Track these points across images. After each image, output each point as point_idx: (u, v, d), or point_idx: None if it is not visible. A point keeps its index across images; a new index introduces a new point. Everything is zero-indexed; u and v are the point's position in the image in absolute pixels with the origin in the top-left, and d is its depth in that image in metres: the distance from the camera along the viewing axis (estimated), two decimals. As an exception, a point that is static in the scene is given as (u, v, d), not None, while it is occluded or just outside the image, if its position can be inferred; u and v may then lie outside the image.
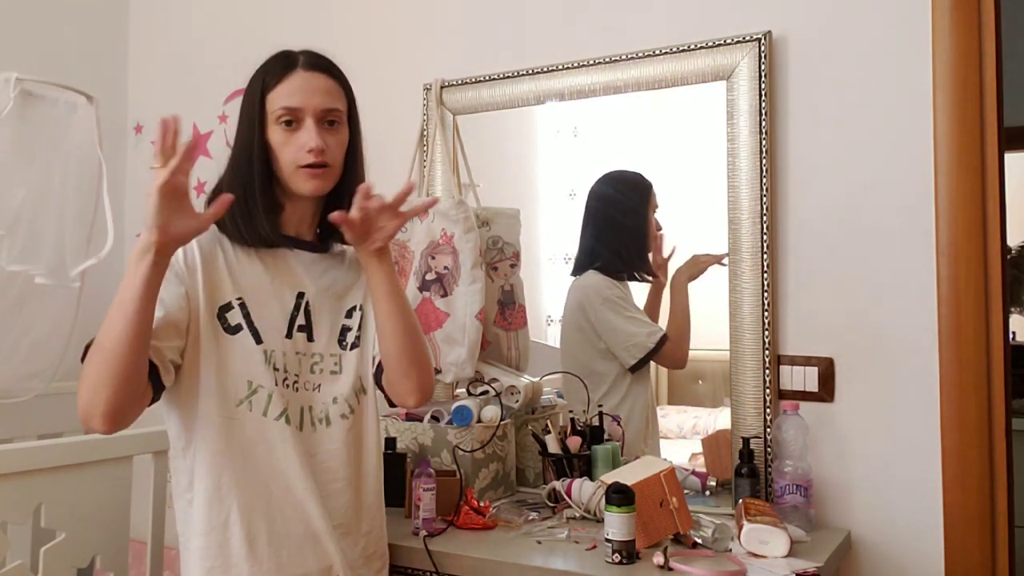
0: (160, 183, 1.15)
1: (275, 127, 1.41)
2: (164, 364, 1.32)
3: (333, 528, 1.41)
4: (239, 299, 1.40)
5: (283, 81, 1.41)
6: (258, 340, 1.40)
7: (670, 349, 2.09)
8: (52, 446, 1.79)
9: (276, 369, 1.40)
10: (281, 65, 1.43)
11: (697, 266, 2.07)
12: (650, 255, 2.14)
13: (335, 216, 1.34)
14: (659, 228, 2.12)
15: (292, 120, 1.40)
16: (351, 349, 1.49)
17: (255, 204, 1.41)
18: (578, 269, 2.19)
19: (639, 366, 2.10)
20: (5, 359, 2.24)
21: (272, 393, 1.39)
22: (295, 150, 1.40)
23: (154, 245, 1.19)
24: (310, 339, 1.46)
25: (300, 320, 1.45)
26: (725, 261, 1.94)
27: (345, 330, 1.49)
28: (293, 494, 1.39)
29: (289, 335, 1.43)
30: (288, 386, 1.41)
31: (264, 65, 1.45)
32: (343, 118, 1.45)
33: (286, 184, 1.43)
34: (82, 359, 1.28)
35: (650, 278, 2.14)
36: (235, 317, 1.40)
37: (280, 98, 1.40)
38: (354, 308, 1.52)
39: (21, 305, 2.26)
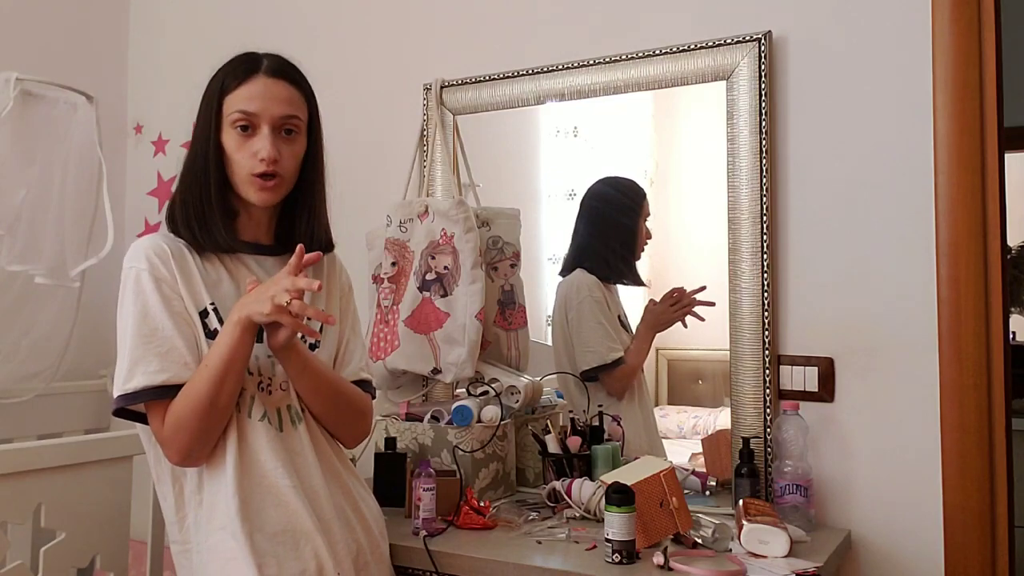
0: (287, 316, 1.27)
1: (230, 130, 1.39)
2: None
3: (323, 526, 1.40)
4: (212, 304, 1.40)
5: (243, 84, 1.39)
6: None
7: (623, 372, 2.09)
8: (52, 446, 1.79)
9: (250, 373, 1.40)
10: (243, 68, 1.41)
11: (664, 315, 2.06)
12: (638, 262, 2.14)
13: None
14: (649, 236, 2.12)
15: (248, 125, 1.38)
16: (312, 350, 1.48)
17: (211, 209, 1.40)
18: (566, 268, 2.20)
19: (589, 375, 2.10)
20: (5, 359, 2.24)
21: (254, 395, 1.40)
22: (248, 156, 1.38)
23: (247, 322, 1.30)
24: None
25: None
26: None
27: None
28: (280, 493, 1.38)
29: (259, 339, 1.41)
30: (262, 389, 1.41)
31: (225, 66, 1.43)
32: (302, 128, 1.43)
33: (238, 190, 1.42)
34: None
35: (636, 285, 2.14)
36: (213, 322, 1.39)
37: (238, 101, 1.38)
38: None
39: (21, 305, 2.27)
